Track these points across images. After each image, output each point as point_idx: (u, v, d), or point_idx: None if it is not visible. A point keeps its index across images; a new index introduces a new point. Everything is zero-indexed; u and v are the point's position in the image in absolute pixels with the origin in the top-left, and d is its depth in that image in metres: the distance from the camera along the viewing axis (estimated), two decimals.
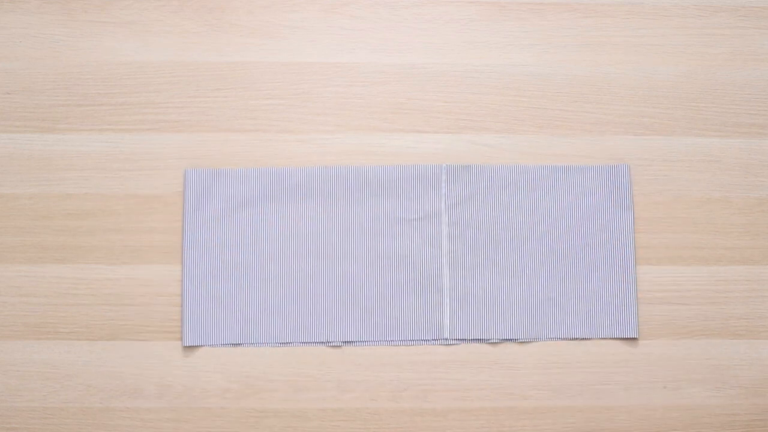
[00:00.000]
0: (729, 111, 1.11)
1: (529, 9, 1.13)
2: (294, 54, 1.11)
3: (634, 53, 1.12)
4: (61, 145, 1.08)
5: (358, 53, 1.11)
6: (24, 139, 1.09)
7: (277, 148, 1.09)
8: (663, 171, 1.10)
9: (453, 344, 1.06)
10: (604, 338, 1.07)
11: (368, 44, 1.11)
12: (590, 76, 1.11)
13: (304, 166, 1.09)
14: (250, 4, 1.12)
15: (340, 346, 1.06)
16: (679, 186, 1.10)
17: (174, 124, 1.09)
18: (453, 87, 1.11)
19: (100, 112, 1.09)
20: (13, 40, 1.10)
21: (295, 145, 1.09)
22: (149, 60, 1.10)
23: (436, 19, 1.12)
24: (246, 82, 1.10)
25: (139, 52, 1.10)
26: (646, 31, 1.13)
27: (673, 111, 1.11)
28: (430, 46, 1.12)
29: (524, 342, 1.06)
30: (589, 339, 1.07)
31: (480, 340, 1.06)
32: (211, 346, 1.06)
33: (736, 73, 1.12)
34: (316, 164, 1.09)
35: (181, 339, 1.05)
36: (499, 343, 1.06)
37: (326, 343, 1.06)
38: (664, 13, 1.13)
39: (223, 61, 1.11)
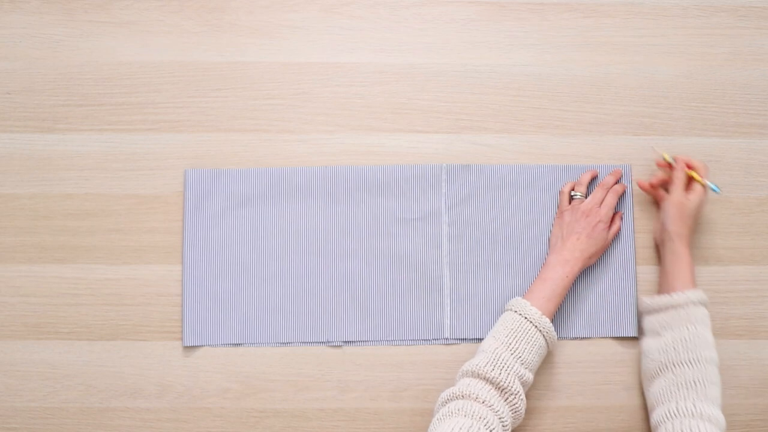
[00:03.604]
0: (729, 111, 1.11)
1: (529, 9, 1.13)
2: (294, 54, 1.11)
3: (634, 53, 1.12)
4: (61, 145, 1.08)
5: (358, 53, 1.11)
6: (24, 139, 1.09)
7: (277, 148, 1.09)
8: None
9: (453, 344, 1.06)
10: (604, 338, 1.07)
11: (368, 44, 1.11)
12: (590, 76, 1.11)
13: (304, 166, 1.09)
14: (250, 4, 1.12)
15: (340, 346, 1.06)
16: None
17: (174, 124, 1.09)
18: (453, 87, 1.11)
19: (100, 112, 1.09)
20: (13, 40, 1.10)
21: (295, 145, 1.09)
22: (149, 60, 1.10)
23: (436, 19, 1.12)
24: (246, 82, 1.10)
25: (139, 52, 1.10)
26: (646, 31, 1.13)
27: (673, 111, 1.11)
28: (430, 46, 1.12)
29: None
30: (589, 339, 1.07)
31: (480, 340, 1.06)
32: (211, 346, 1.06)
33: (736, 73, 1.12)
34: (316, 164, 1.09)
35: (181, 339, 1.05)
36: None
37: (326, 343, 1.06)
38: (664, 13, 1.13)
39: (223, 61, 1.11)
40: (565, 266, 1.01)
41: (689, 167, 1.04)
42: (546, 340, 0.97)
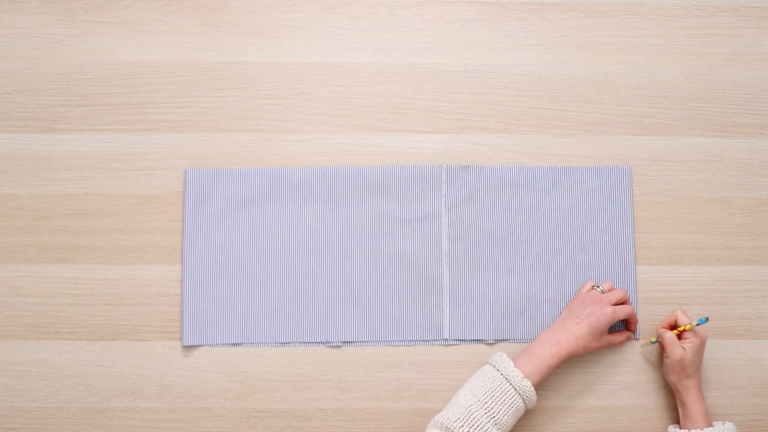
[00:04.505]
0: (729, 111, 1.11)
1: (529, 9, 1.13)
2: (294, 54, 1.11)
3: (634, 53, 1.12)
4: (61, 145, 1.08)
5: (358, 53, 1.11)
6: (24, 139, 1.09)
7: (277, 148, 1.09)
8: (663, 171, 1.10)
9: (452, 344, 1.06)
10: None
11: (368, 44, 1.11)
12: (590, 76, 1.11)
13: (304, 166, 1.09)
14: (250, 4, 1.12)
15: (340, 347, 1.06)
16: (679, 186, 1.10)
17: (174, 124, 1.09)
18: (453, 87, 1.11)
19: (100, 112, 1.09)
20: (13, 40, 1.10)
21: (295, 145, 1.09)
22: (149, 60, 1.10)
23: (436, 19, 1.12)
24: (246, 82, 1.10)
25: (139, 52, 1.10)
26: (646, 31, 1.13)
27: (673, 111, 1.11)
28: (430, 46, 1.12)
29: (523, 342, 1.06)
30: None
31: (479, 341, 1.06)
32: (211, 346, 1.06)
33: (736, 73, 1.12)
34: (316, 164, 1.09)
35: (181, 339, 1.05)
36: (499, 343, 1.06)
37: (326, 343, 1.06)
38: (664, 13, 1.13)
39: (223, 61, 1.11)
40: (553, 346, 0.98)
41: (672, 327, 1.03)
42: (525, 402, 0.95)
